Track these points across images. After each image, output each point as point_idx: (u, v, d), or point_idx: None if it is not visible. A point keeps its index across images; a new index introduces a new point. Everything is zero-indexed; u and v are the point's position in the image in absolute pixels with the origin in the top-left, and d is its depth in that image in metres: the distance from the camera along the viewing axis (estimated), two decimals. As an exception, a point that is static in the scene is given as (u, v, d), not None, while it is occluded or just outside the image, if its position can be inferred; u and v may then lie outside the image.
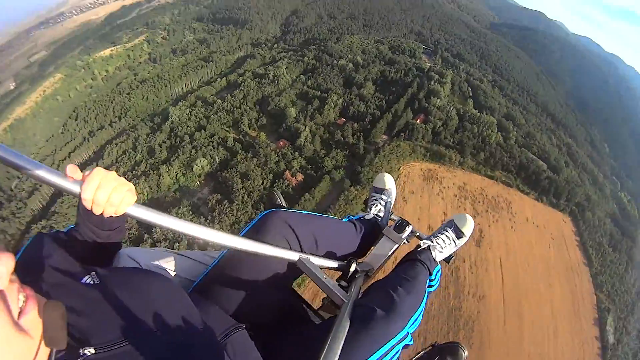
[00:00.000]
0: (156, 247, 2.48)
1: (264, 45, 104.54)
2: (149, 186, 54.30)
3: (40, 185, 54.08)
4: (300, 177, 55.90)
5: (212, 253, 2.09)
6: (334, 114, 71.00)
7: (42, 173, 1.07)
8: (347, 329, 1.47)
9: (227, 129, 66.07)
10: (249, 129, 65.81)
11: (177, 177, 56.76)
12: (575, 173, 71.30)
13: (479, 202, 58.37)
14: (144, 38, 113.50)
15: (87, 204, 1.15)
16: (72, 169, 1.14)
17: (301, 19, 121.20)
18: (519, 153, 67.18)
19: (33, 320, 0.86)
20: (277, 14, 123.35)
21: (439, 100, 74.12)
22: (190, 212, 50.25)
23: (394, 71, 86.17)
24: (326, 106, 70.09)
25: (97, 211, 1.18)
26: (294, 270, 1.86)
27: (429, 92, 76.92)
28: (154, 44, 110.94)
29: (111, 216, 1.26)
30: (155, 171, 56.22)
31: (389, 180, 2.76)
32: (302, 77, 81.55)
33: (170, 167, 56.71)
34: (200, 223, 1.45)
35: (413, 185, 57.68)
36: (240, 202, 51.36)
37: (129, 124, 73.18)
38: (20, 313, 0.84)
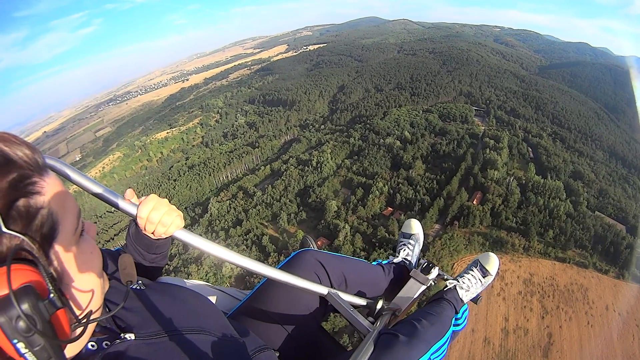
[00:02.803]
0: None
1: (311, 126, 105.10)
2: (177, 284, 51.99)
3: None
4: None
5: (246, 291, 2.21)
6: (379, 203, 66.17)
7: (106, 194, 1.24)
8: (370, 353, 1.55)
9: (265, 224, 63.90)
10: (288, 224, 62.95)
11: (207, 277, 53.97)
12: (658, 226, 59.70)
13: (549, 296, 49.30)
14: (198, 121, 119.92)
15: (142, 223, 1.32)
16: (130, 193, 1.33)
17: (348, 94, 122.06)
18: (592, 221, 58.36)
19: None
20: (324, 91, 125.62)
21: (496, 172, 67.62)
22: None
23: (445, 143, 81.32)
24: (371, 195, 65.84)
25: (149, 229, 1.35)
26: (324, 308, 2.00)
27: (484, 163, 70.89)
28: (207, 127, 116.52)
29: (159, 239, 1.45)
30: (185, 269, 54.35)
31: (416, 226, 2.82)
32: (347, 162, 78.82)
33: (200, 266, 54.87)
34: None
35: (468, 287, 49.08)
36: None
37: (172, 212, 73.51)
38: None
